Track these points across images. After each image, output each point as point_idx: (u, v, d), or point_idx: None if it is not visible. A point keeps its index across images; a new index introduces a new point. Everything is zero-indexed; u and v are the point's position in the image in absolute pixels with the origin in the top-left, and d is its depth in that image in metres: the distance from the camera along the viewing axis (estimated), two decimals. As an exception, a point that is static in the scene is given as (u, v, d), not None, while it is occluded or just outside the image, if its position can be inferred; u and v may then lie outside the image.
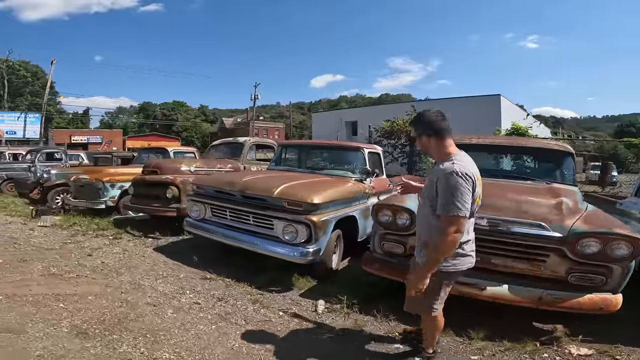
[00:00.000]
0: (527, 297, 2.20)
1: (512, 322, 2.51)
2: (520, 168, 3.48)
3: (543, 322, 2.55)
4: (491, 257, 2.30)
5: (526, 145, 3.31)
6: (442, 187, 1.59)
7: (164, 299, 2.82)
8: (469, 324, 2.43)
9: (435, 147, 1.72)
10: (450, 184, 1.56)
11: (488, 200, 2.38)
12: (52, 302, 2.70)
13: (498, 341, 2.29)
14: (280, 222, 2.98)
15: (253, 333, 2.37)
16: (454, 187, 1.55)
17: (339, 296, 2.88)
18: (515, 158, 3.57)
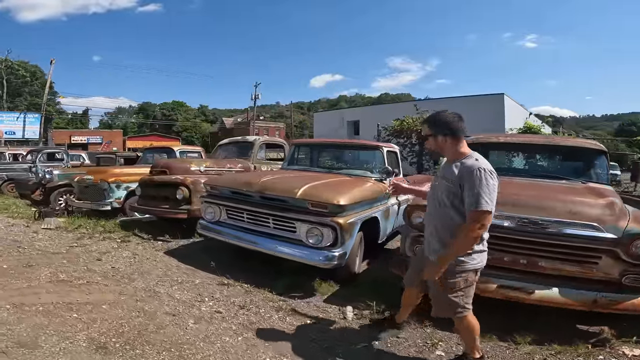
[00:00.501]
0: (579, 300, 2.11)
1: (553, 325, 2.40)
2: (553, 167, 3.34)
3: (587, 324, 2.44)
4: (539, 260, 2.18)
5: (560, 144, 3.17)
6: (470, 183, 1.62)
7: (183, 308, 2.65)
8: (510, 328, 2.31)
9: (450, 147, 1.77)
10: (479, 180, 1.60)
11: (533, 200, 2.25)
12: (65, 312, 2.52)
13: (547, 345, 2.18)
14: (303, 224, 2.82)
15: (283, 344, 2.21)
16: (483, 183, 1.60)
17: (367, 302, 2.74)
18: (547, 157, 3.44)
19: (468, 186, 1.62)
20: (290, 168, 4.38)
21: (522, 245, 2.16)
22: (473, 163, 1.67)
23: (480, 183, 1.60)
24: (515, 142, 3.23)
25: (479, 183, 1.60)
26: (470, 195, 1.61)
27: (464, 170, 1.66)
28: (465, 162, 1.70)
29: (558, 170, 3.24)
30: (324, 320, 2.57)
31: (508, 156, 3.53)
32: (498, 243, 2.20)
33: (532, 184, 2.72)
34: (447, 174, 1.74)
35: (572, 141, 3.24)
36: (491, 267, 2.26)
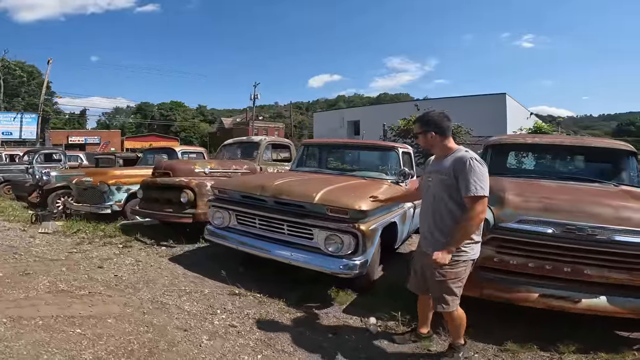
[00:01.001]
0: (629, 308, 1.99)
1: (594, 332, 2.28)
2: (582, 169, 3.18)
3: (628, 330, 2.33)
4: (584, 268, 2.03)
5: (589, 145, 3.02)
6: (464, 172, 1.75)
7: (194, 322, 2.46)
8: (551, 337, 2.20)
9: (439, 143, 1.91)
10: (472, 168, 1.74)
11: (578, 206, 2.09)
12: (67, 326, 2.32)
13: (592, 353, 2.06)
14: (321, 231, 2.64)
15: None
16: (475, 170, 1.73)
17: (391, 312, 2.57)
18: (575, 158, 3.28)
19: (462, 176, 1.75)
20: (300, 170, 4.19)
21: (567, 253, 2.01)
22: (464, 154, 1.81)
23: (473, 171, 1.73)
24: (543, 144, 3.07)
25: (472, 171, 1.73)
26: (467, 183, 1.73)
27: (456, 162, 1.79)
28: (455, 155, 1.84)
29: (587, 172, 3.08)
30: (347, 333, 2.39)
31: (534, 157, 3.38)
32: (539, 250, 2.05)
33: (565, 187, 2.57)
34: (440, 168, 1.86)
35: (602, 142, 3.09)
36: (530, 275, 2.11)
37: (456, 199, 1.81)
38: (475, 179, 1.72)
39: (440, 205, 1.85)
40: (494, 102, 19.41)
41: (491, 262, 2.16)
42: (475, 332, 2.33)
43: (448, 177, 1.81)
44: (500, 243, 2.12)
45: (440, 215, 1.86)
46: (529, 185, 2.59)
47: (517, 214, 2.10)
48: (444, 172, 1.83)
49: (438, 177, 1.87)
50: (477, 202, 1.72)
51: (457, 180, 1.78)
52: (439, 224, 1.86)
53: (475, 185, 1.71)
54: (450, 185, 1.81)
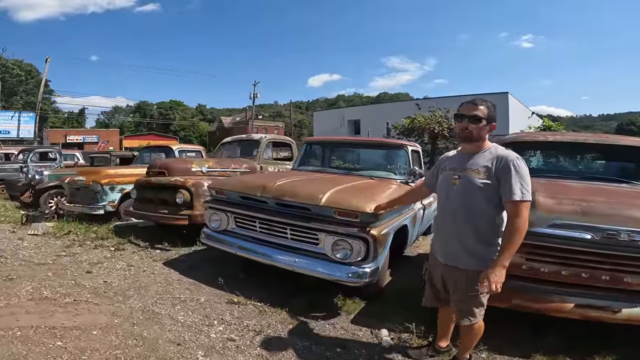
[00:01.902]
0: None
1: (626, 342, 2.10)
2: (606, 168, 2.97)
3: None
4: (625, 276, 1.81)
5: (614, 143, 2.80)
6: (510, 173, 1.55)
7: (189, 335, 2.24)
8: (578, 348, 2.02)
9: (485, 138, 1.69)
10: (520, 169, 1.55)
11: (615, 208, 1.87)
12: (47, 338, 2.12)
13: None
14: (328, 236, 2.41)
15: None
16: (524, 172, 1.56)
17: (405, 322, 2.36)
18: (598, 157, 3.06)
19: (508, 176, 1.54)
20: (303, 169, 3.97)
21: (606, 260, 1.79)
22: (508, 152, 1.61)
23: (520, 173, 1.55)
24: (565, 141, 2.85)
25: (520, 173, 1.55)
26: (514, 186, 1.53)
27: (500, 160, 1.59)
28: (494, 152, 1.64)
29: (611, 172, 2.87)
30: (357, 347, 2.17)
31: (555, 156, 3.16)
32: (574, 257, 1.83)
33: (594, 188, 2.36)
34: (474, 166, 1.64)
35: (628, 140, 2.88)
36: (561, 283, 1.90)
37: (494, 202, 1.59)
38: (523, 182, 1.53)
39: (474, 208, 1.61)
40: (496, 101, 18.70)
41: (519, 270, 1.94)
42: (500, 343, 2.13)
43: (487, 177, 1.59)
44: (529, 250, 1.90)
45: (475, 221, 1.62)
46: (556, 185, 2.37)
47: (549, 217, 1.88)
48: (481, 171, 1.60)
49: (470, 175, 1.63)
50: (524, 208, 1.53)
51: (498, 181, 1.57)
52: (475, 232, 1.61)
53: (522, 188, 1.52)
54: (489, 186, 1.58)
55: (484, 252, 1.60)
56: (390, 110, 17.50)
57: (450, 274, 1.70)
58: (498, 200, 1.58)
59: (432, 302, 1.89)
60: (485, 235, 1.61)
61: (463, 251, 1.64)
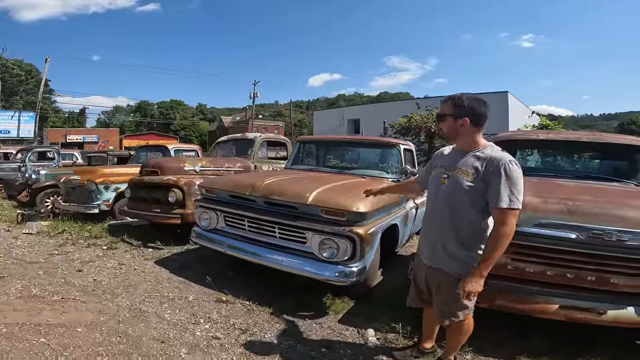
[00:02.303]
0: None
1: (611, 343, 2.08)
2: (599, 167, 2.94)
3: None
4: (611, 277, 1.79)
5: (607, 141, 2.77)
6: (500, 177, 1.44)
7: (174, 332, 2.24)
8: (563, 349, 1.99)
9: (469, 134, 1.57)
10: (510, 174, 1.44)
11: (603, 208, 1.85)
12: (32, 335, 2.14)
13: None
14: (315, 235, 2.40)
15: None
16: (516, 177, 1.44)
17: (391, 323, 2.34)
18: (593, 156, 3.04)
19: (497, 180, 1.44)
20: (295, 168, 3.95)
21: (592, 260, 1.77)
22: (501, 155, 1.49)
23: (512, 178, 1.43)
24: (557, 140, 2.82)
25: (511, 178, 1.43)
26: (502, 191, 1.43)
27: (491, 162, 1.48)
28: (488, 152, 1.52)
29: (604, 171, 2.84)
30: (342, 347, 2.16)
31: (548, 155, 3.13)
32: (560, 257, 1.81)
33: (585, 186, 2.34)
34: (463, 166, 1.54)
35: (621, 138, 2.85)
36: (546, 284, 1.88)
37: (479, 206, 1.50)
38: (513, 189, 1.42)
39: (458, 211, 1.54)
40: (495, 100, 19.06)
41: (504, 270, 1.92)
42: (484, 344, 2.11)
43: (474, 179, 1.49)
44: (515, 249, 1.88)
45: (458, 223, 1.54)
46: (545, 184, 2.35)
47: (535, 217, 1.85)
48: (469, 172, 1.50)
49: (459, 176, 1.53)
50: (511, 216, 1.43)
51: (486, 185, 1.47)
52: (455, 235, 1.55)
53: (512, 196, 1.41)
54: (475, 189, 1.49)
55: (465, 257, 1.54)
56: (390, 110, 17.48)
57: (433, 276, 1.66)
58: (484, 205, 1.49)
59: (416, 303, 1.86)
60: (466, 240, 1.54)
61: (445, 254, 1.58)
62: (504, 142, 3.08)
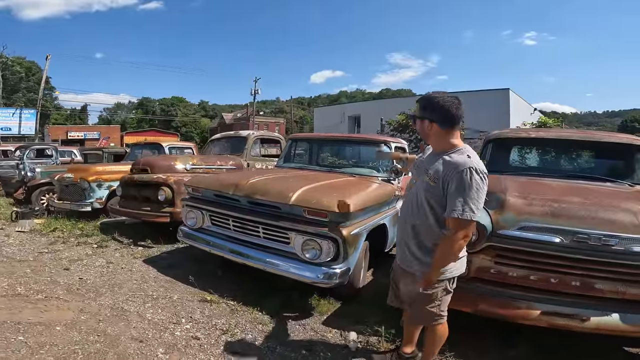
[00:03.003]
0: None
1: (597, 348, 2.06)
2: (592, 166, 2.86)
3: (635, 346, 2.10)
4: (596, 282, 1.73)
5: (600, 140, 2.70)
6: (455, 185, 1.36)
7: (153, 332, 2.22)
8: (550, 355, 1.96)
9: (437, 136, 1.48)
10: (467, 182, 1.34)
11: (589, 210, 1.79)
12: (11, 333, 2.14)
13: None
14: (298, 235, 2.36)
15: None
16: (472, 186, 1.34)
17: (375, 326, 2.30)
18: (585, 155, 2.96)
19: (453, 188, 1.36)
20: (286, 166, 3.91)
21: (576, 265, 1.72)
22: (464, 160, 1.38)
23: (468, 187, 1.33)
24: (548, 138, 2.75)
25: (467, 186, 1.33)
26: (455, 200, 1.35)
27: (451, 167, 1.39)
28: (453, 157, 1.42)
29: (597, 170, 2.76)
30: (323, 349, 2.12)
31: (539, 153, 3.06)
32: (544, 262, 1.76)
33: (575, 187, 2.27)
34: (430, 170, 1.48)
35: (614, 136, 2.77)
36: (531, 289, 1.83)
37: (437, 212, 1.46)
38: (467, 198, 1.33)
39: (420, 213, 1.50)
40: (497, 97, 18.96)
41: (488, 274, 1.87)
42: (467, 350, 2.06)
43: (435, 184, 1.42)
44: (498, 252, 1.83)
45: (422, 225, 1.51)
46: (533, 184, 2.28)
47: (519, 219, 1.80)
48: (432, 175, 1.45)
49: (426, 180, 1.48)
50: (462, 227, 1.36)
51: (444, 191, 1.40)
52: (416, 237, 1.54)
53: (465, 205, 1.33)
54: (435, 195, 1.44)
55: (424, 259, 1.52)
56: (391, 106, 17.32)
57: (402, 276, 1.65)
58: (440, 211, 1.44)
59: (394, 302, 1.84)
60: (425, 243, 1.52)
61: (410, 255, 1.57)
62: (494, 141, 3.03)
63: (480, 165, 1.38)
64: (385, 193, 2.91)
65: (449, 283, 1.55)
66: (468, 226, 1.37)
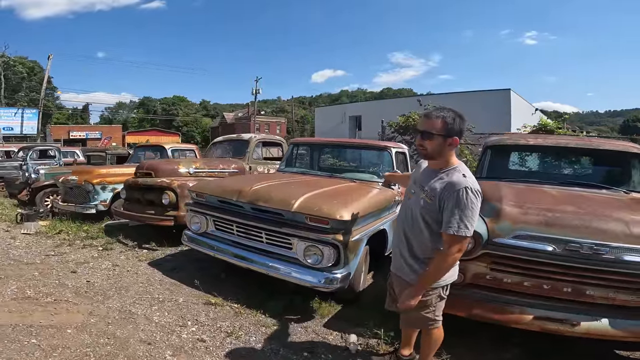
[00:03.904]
0: (632, 332, 1.77)
1: (590, 352, 2.12)
2: (591, 173, 2.92)
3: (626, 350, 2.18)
4: (587, 288, 1.80)
5: (598, 147, 2.75)
6: (452, 203, 1.43)
7: (160, 335, 2.29)
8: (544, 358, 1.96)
9: (446, 154, 1.53)
10: (463, 201, 1.41)
11: (582, 219, 1.85)
12: (23, 336, 2.21)
13: None
14: (300, 241, 2.43)
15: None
16: (467, 205, 1.41)
17: (374, 329, 2.37)
18: (583, 161, 3.01)
19: (450, 206, 1.43)
20: (288, 170, 3.98)
21: (568, 272, 1.79)
22: (460, 180, 1.45)
23: (465, 205, 1.41)
24: (546, 145, 2.81)
25: (463, 205, 1.41)
26: (451, 217, 1.42)
27: (448, 186, 1.46)
28: (450, 175, 1.49)
29: (594, 177, 2.82)
30: (324, 351, 2.20)
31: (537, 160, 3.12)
32: (537, 269, 1.82)
33: (570, 194, 2.33)
34: (427, 186, 1.53)
35: (611, 144, 2.83)
36: (524, 294, 1.90)
37: (432, 227, 1.52)
38: (462, 215, 1.40)
39: (414, 227, 1.57)
40: (498, 97, 18.93)
41: (483, 280, 1.94)
42: (463, 353, 2.13)
43: (431, 201, 1.49)
44: (494, 260, 1.90)
45: (415, 237, 1.59)
46: (529, 192, 2.35)
47: (514, 228, 1.86)
48: (428, 193, 1.51)
49: (421, 196, 1.54)
50: (456, 243, 1.44)
51: (440, 208, 1.47)
52: (410, 248, 1.61)
53: (460, 223, 1.40)
54: (430, 211, 1.50)
55: (418, 269, 1.58)
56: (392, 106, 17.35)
57: (397, 283, 1.71)
58: (436, 227, 1.50)
59: (392, 307, 1.90)
60: (419, 255, 1.59)
61: (404, 262, 1.64)
62: (493, 147, 3.10)
63: (475, 185, 1.46)
64: (386, 199, 2.97)
65: (442, 290, 1.62)
66: (462, 241, 1.45)
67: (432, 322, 1.64)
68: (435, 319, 1.64)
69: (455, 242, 1.44)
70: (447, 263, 1.48)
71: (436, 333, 1.70)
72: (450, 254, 1.45)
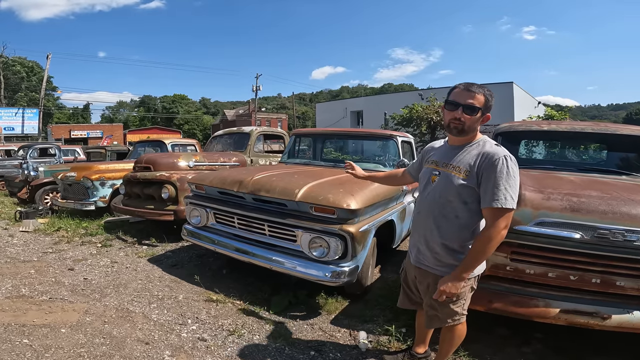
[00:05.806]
0: None
1: (618, 347, 1.98)
2: (607, 159, 2.76)
3: None
4: (617, 279, 1.66)
5: (616, 132, 2.59)
6: (493, 174, 1.31)
7: (159, 334, 2.18)
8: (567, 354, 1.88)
9: (475, 128, 1.44)
10: (505, 171, 1.31)
11: (610, 204, 1.70)
12: (15, 336, 2.11)
13: None
14: (305, 233, 2.30)
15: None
16: (510, 175, 1.31)
17: (385, 325, 2.24)
18: (599, 148, 2.86)
19: (490, 178, 1.32)
20: (290, 162, 3.84)
21: (597, 262, 1.64)
22: (496, 149, 1.36)
23: (506, 175, 1.30)
24: (561, 130, 2.65)
25: (505, 175, 1.30)
26: (494, 190, 1.30)
27: (485, 157, 1.35)
28: (483, 146, 1.40)
29: (611, 163, 2.67)
30: (332, 350, 2.07)
31: (551, 146, 2.96)
32: (563, 258, 1.68)
33: (591, 180, 2.18)
34: (456, 162, 1.42)
35: (629, 129, 2.66)
36: (549, 286, 1.76)
37: (470, 206, 1.38)
38: (507, 186, 1.29)
39: (447, 211, 1.41)
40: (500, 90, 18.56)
41: (503, 271, 1.80)
42: (482, 348, 2.01)
43: (468, 176, 1.36)
44: (515, 249, 1.75)
45: (445, 224, 1.43)
46: (548, 177, 2.20)
47: (537, 214, 1.72)
48: (462, 169, 1.38)
49: (450, 172, 1.41)
50: (503, 217, 1.30)
51: (478, 183, 1.34)
52: (442, 237, 1.43)
53: (505, 194, 1.28)
54: (467, 187, 1.36)
55: (451, 260, 1.43)
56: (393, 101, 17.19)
57: (422, 277, 1.57)
58: (476, 206, 1.37)
59: (405, 304, 1.77)
60: (454, 241, 1.43)
61: (432, 255, 1.48)
62: (505, 134, 2.94)
63: (510, 153, 1.36)
64: (393, 188, 2.83)
65: (474, 281, 1.49)
66: (509, 215, 1.32)
67: (460, 316, 1.51)
68: (463, 313, 1.51)
69: (502, 215, 1.30)
70: (496, 241, 1.32)
71: (460, 329, 1.56)
72: (498, 230, 1.30)
